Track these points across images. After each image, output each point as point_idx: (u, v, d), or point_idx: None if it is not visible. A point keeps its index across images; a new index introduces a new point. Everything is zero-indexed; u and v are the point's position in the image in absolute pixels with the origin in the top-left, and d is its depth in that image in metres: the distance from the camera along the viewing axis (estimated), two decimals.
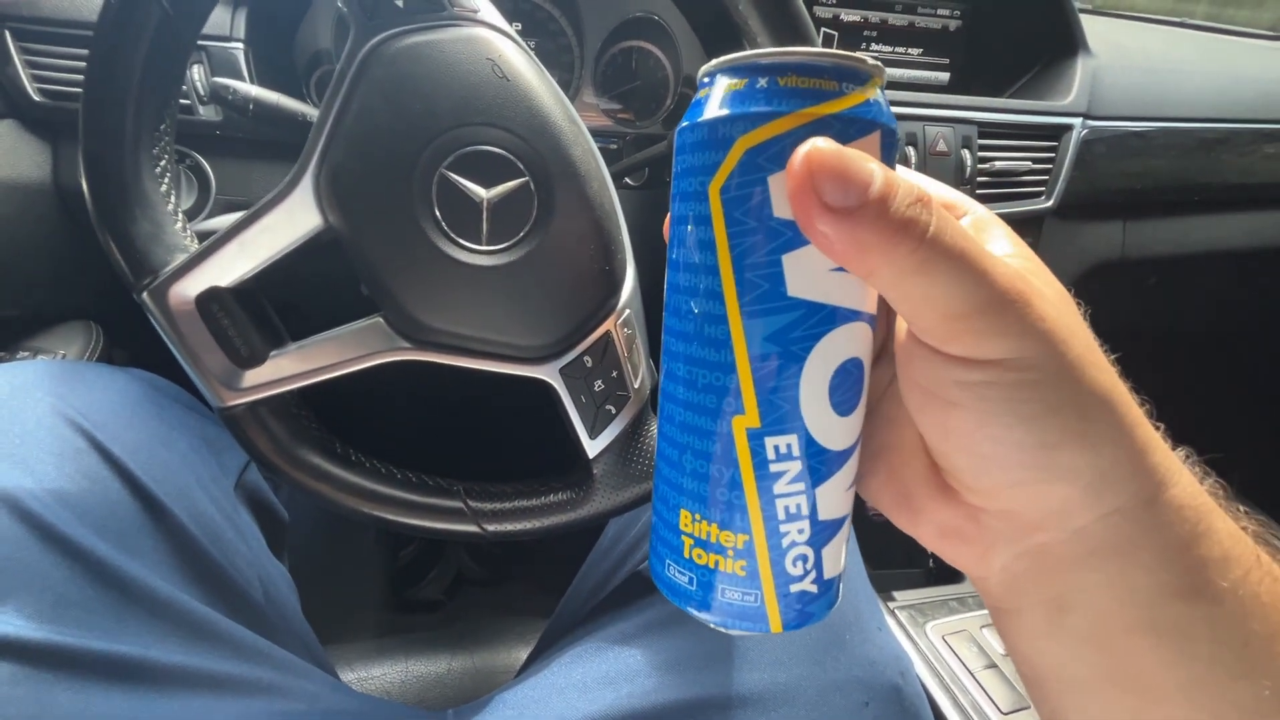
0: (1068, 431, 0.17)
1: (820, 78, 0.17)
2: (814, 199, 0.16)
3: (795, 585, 0.20)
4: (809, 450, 0.19)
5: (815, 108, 0.17)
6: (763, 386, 0.18)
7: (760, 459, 0.19)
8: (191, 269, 0.33)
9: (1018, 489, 0.19)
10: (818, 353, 0.18)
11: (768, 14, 0.38)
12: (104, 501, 0.34)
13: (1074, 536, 0.18)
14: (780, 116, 0.17)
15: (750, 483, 0.19)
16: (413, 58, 0.32)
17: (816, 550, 0.20)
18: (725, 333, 0.18)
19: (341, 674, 0.53)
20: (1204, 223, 0.81)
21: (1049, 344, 0.17)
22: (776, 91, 0.17)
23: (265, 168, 0.55)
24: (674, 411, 0.20)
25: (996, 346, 0.17)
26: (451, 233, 0.33)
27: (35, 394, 0.37)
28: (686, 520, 0.20)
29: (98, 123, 0.32)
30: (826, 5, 0.71)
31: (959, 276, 0.16)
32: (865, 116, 0.17)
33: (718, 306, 0.18)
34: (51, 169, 0.54)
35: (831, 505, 0.20)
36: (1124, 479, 0.18)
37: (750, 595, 0.20)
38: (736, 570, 0.19)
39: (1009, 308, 0.17)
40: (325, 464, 0.36)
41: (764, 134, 0.17)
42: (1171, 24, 1.01)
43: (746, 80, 0.17)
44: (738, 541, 0.19)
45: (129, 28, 0.31)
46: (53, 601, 0.30)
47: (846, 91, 0.17)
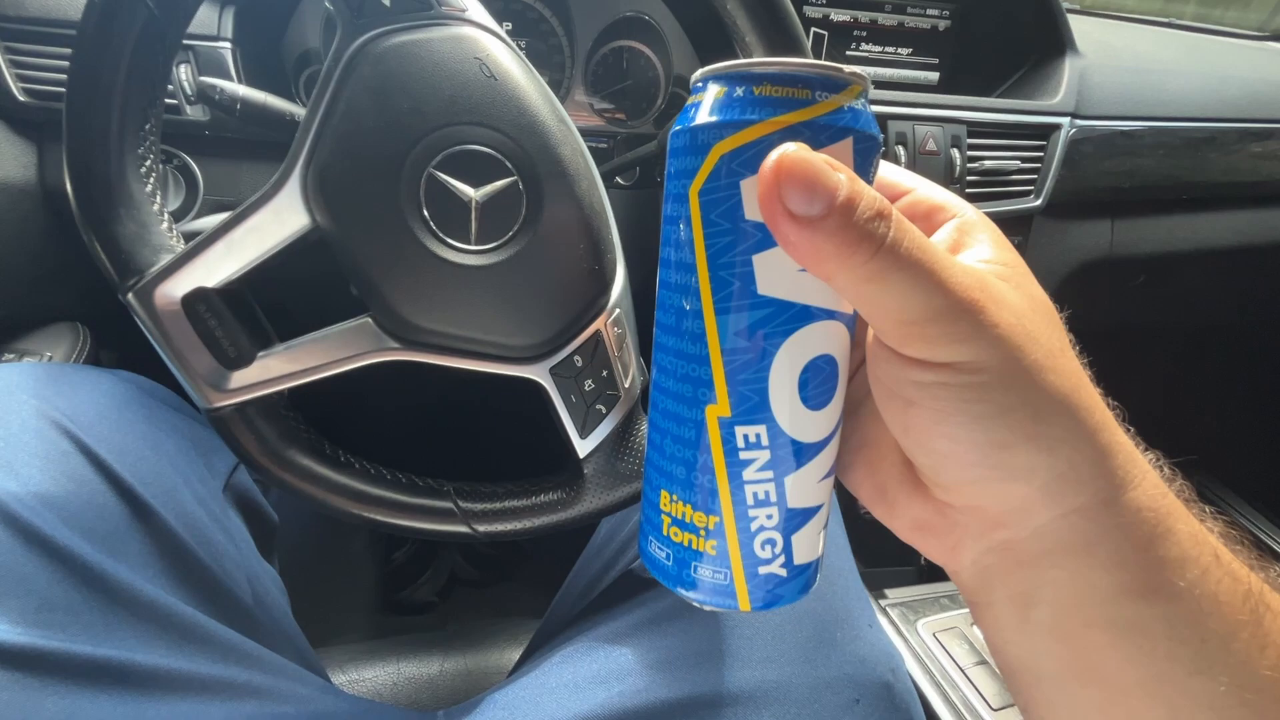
0: (1020, 433, 0.18)
1: (793, 86, 0.18)
2: (779, 206, 0.17)
3: (764, 568, 0.21)
4: (777, 440, 0.20)
5: (786, 115, 0.18)
6: (733, 378, 0.19)
7: (730, 446, 0.20)
8: (177, 269, 0.32)
9: (977, 486, 0.19)
10: (787, 348, 0.19)
11: (755, 15, 0.38)
12: (90, 504, 0.34)
13: (1035, 534, 0.19)
14: (752, 124, 0.18)
15: (721, 468, 0.20)
16: (400, 56, 0.32)
17: (786, 536, 0.21)
18: (701, 327, 0.19)
19: (332, 676, 0.52)
20: (1191, 221, 0.81)
21: (1002, 349, 0.18)
22: (751, 100, 0.18)
23: (253, 168, 0.55)
24: (658, 398, 0.22)
25: (949, 351, 0.18)
26: (440, 232, 0.33)
27: (20, 396, 0.36)
28: (666, 500, 0.22)
29: (82, 122, 0.32)
30: (816, 5, 0.72)
31: (912, 286, 0.17)
32: (837, 124, 0.18)
33: (695, 302, 0.19)
34: (37, 169, 0.53)
35: (802, 494, 0.21)
36: (1083, 480, 0.18)
37: (720, 574, 0.21)
38: (708, 549, 0.21)
39: (962, 315, 0.17)
40: (314, 465, 0.36)
41: (737, 140, 0.18)
42: (1159, 24, 1.02)
43: (726, 89, 0.19)
44: (709, 522, 0.21)
45: (114, 27, 0.31)
46: (38, 605, 0.30)
47: (819, 99, 0.18)
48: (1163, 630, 0.18)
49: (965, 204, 0.23)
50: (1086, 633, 0.19)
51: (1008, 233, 0.77)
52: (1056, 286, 0.76)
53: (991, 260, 0.20)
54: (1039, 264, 0.74)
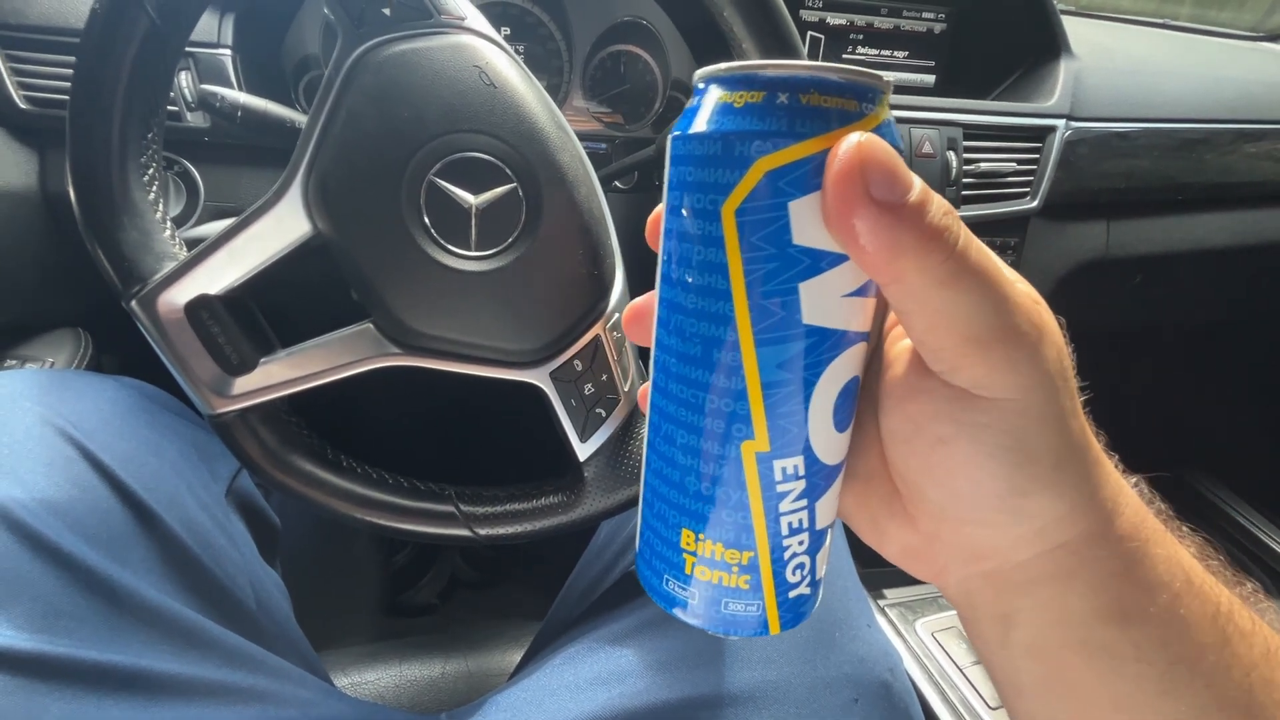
0: (1040, 480, 0.18)
1: (842, 96, 0.16)
2: (861, 190, 0.15)
3: (793, 591, 0.20)
4: (813, 468, 0.19)
5: (837, 131, 0.16)
6: (774, 412, 0.18)
7: (768, 481, 0.19)
8: (180, 277, 0.33)
9: (978, 528, 0.19)
10: (828, 376, 0.18)
11: (752, 19, 0.38)
12: (94, 510, 0.34)
13: (1019, 566, 0.19)
14: (807, 139, 0.16)
15: (757, 504, 0.19)
16: (400, 65, 0.32)
17: (813, 557, 0.20)
18: (737, 359, 0.18)
19: (335, 679, 0.53)
20: (1187, 221, 0.82)
21: (1047, 389, 0.17)
22: (799, 110, 0.16)
23: (253, 174, 0.55)
24: (674, 433, 0.20)
25: (1002, 383, 0.17)
26: (440, 239, 0.33)
27: (24, 403, 0.37)
28: (689, 539, 0.20)
29: (84, 131, 0.32)
30: (812, 9, 0.72)
31: (984, 295, 0.16)
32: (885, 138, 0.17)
33: (729, 332, 0.18)
34: (39, 176, 0.54)
35: (827, 514, 0.20)
36: (1075, 520, 0.18)
37: (752, 605, 0.20)
38: (740, 584, 0.20)
39: (1024, 340, 0.16)
40: (316, 470, 0.36)
41: (788, 156, 0.16)
42: (1154, 25, 1.03)
43: (764, 94, 0.16)
44: (743, 559, 0.19)
45: (115, 36, 0.31)
46: (44, 611, 0.30)
47: (866, 111, 0.16)
48: (1131, 653, 0.19)
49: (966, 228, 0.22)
50: (1061, 653, 0.19)
51: (1004, 234, 0.76)
52: (1053, 288, 0.77)
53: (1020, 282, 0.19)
54: (1035, 266, 0.75)
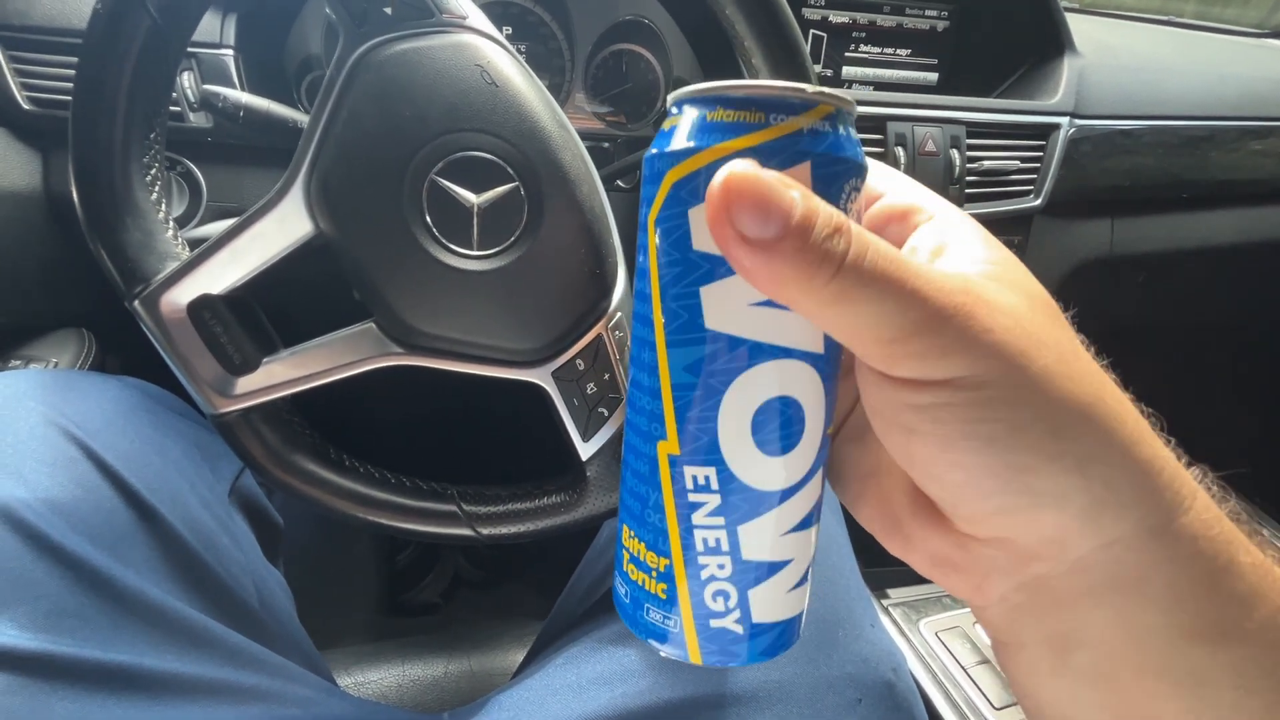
0: (1040, 452, 0.16)
1: (746, 110, 0.17)
2: (730, 230, 0.15)
3: (715, 621, 0.19)
4: (729, 486, 0.19)
5: (733, 141, 0.17)
6: (682, 414, 0.18)
7: (680, 486, 0.19)
8: (183, 277, 0.33)
9: (1002, 516, 0.17)
10: (737, 387, 0.18)
11: (754, 18, 0.38)
12: (98, 510, 0.34)
13: (1074, 568, 0.17)
14: (700, 151, 0.17)
15: (670, 508, 0.19)
16: (402, 64, 0.32)
17: (741, 590, 0.19)
18: (654, 359, 0.19)
19: (338, 678, 0.53)
20: (1191, 219, 0.81)
21: (1002, 357, 0.16)
22: (702, 126, 0.17)
23: (256, 174, 0.55)
24: (627, 429, 0.21)
25: (941, 366, 0.16)
26: (442, 238, 0.33)
27: (28, 403, 0.37)
28: (626, 534, 0.21)
29: (87, 132, 0.32)
30: (815, 7, 0.72)
31: (882, 301, 0.15)
32: (792, 148, 0.17)
33: (649, 333, 0.19)
34: (42, 177, 0.54)
35: (759, 546, 0.19)
36: (1124, 504, 0.16)
37: (670, 620, 0.20)
38: (658, 592, 0.20)
39: (947, 324, 0.16)
40: (319, 469, 0.36)
41: (685, 168, 0.17)
42: (1158, 22, 1.02)
43: (683, 115, 0.18)
44: (660, 564, 0.20)
45: (117, 37, 0.31)
46: (48, 611, 0.30)
47: (773, 123, 0.17)
48: (1229, 679, 0.16)
49: (941, 202, 0.20)
50: (1137, 681, 0.17)
51: (1007, 232, 0.76)
52: (1057, 286, 0.76)
53: (979, 260, 0.18)
54: (1039, 264, 0.74)
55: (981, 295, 0.16)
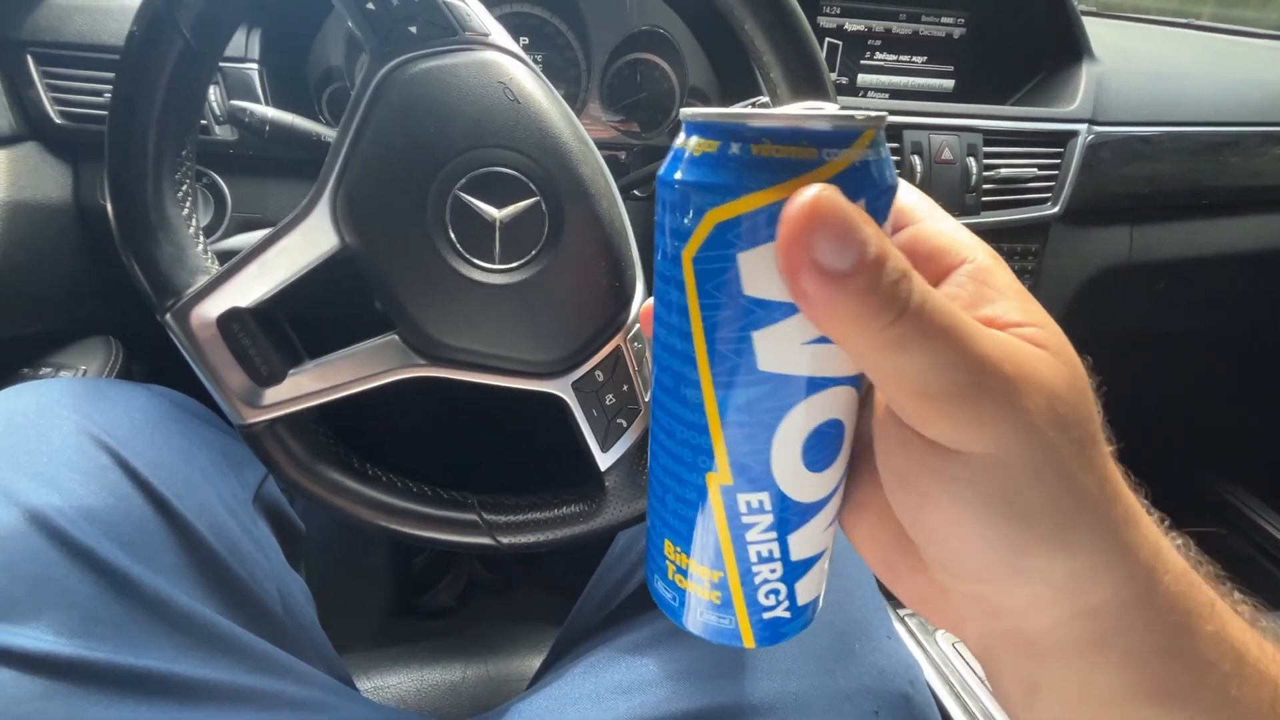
0: (1042, 539, 0.17)
1: (797, 144, 0.15)
2: (805, 256, 0.15)
3: (768, 614, 0.21)
4: (780, 504, 0.19)
5: (788, 183, 0.15)
6: (735, 450, 0.18)
7: (733, 511, 0.19)
8: (213, 290, 0.33)
9: (983, 582, 0.18)
10: (790, 420, 0.18)
11: (771, 30, 0.38)
12: (129, 517, 0.35)
13: (1042, 630, 0.18)
14: (750, 193, 0.16)
15: (724, 531, 0.19)
16: (427, 82, 0.33)
17: (789, 584, 0.20)
18: (699, 398, 0.18)
19: (357, 682, 0.53)
20: (1212, 226, 0.80)
21: (1033, 441, 0.16)
22: (748, 162, 0.16)
23: (279, 185, 0.56)
24: (658, 453, 0.20)
25: (975, 437, 0.16)
26: (465, 252, 0.34)
27: (61, 412, 0.38)
28: (670, 549, 0.21)
29: (122, 151, 0.33)
30: (830, 15, 0.72)
31: (935, 356, 0.15)
32: (847, 185, 0.16)
33: (692, 372, 0.18)
34: (72, 189, 0.55)
35: (805, 547, 0.20)
36: (1100, 582, 0.17)
37: (725, 619, 0.21)
38: (712, 599, 0.20)
39: (989, 395, 0.15)
40: (343, 479, 0.37)
41: (733, 210, 0.16)
42: (1177, 25, 1.01)
43: (719, 144, 0.16)
44: (713, 576, 0.20)
45: (151, 59, 0.32)
46: (82, 617, 0.31)
47: (827, 159, 0.16)
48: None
49: (977, 242, 0.20)
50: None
51: (1024, 240, 0.75)
52: (1074, 294, 0.76)
53: (1023, 322, 0.17)
54: (1056, 271, 0.74)
55: (1027, 368, 0.16)
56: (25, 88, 0.53)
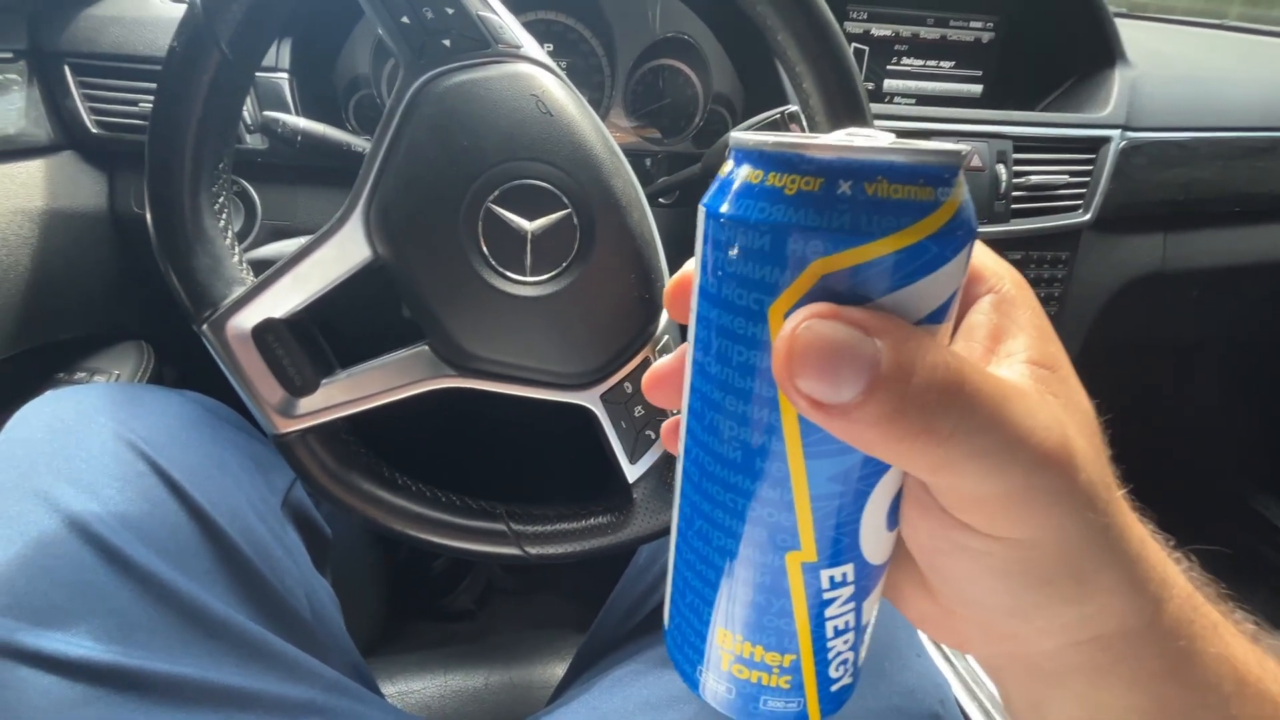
0: (1057, 598, 0.17)
1: (914, 184, 0.14)
2: (796, 394, 0.14)
3: (835, 685, 0.19)
4: (861, 572, 0.18)
5: (912, 228, 0.14)
6: (823, 525, 0.16)
7: (814, 590, 0.17)
8: (248, 302, 0.34)
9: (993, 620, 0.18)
10: (883, 485, 0.17)
11: (802, 38, 0.38)
12: (164, 524, 0.36)
13: (1046, 655, 0.18)
14: (871, 241, 0.14)
15: (802, 612, 0.18)
16: (460, 95, 0.33)
17: (857, 651, 0.19)
18: (784, 470, 0.16)
19: (382, 687, 0.54)
20: (1248, 234, 0.79)
21: (1068, 524, 0.16)
22: (863, 204, 0.14)
23: (309, 193, 0.57)
24: (709, 532, 0.18)
25: (1010, 528, 0.16)
26: (497, 265, 0.34)
27: (99, 419, 0.38)
28: (725, 638, 0.19)
29: (162, 163, 0.33)
30: (857, 20, 0.71)
31: (989, 470, 0.14)
32: (960, 229, 0.14)
33: (775, 443, 0.16)
34: (108, 197, 0.56)
35: (871, 607, 0.19)
36: (1107, 616, 0.17)
37: (793, 702, 0.19)
38: (780, 684, 0.19)
39: (1039, 495, 0.15)
40: (374, 488, 0.37)
41: (848, 260, 0.14)
42: (1208, 25, 0.99)
43: (824, 180, 0.14)
44: (784, 661, 0.18)
45: (191, 73, 0.33)
46: (119, 623, 0.31)
47: (942, 200, 0.14)
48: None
49: (1003, 267, 0.19)
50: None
51: (1055, 248, 0.74)
52: (1106, 302, 0.74)
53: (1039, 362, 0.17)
54: (1088, 279, 0.73)
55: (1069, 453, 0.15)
56: (63, 98, 0.54)
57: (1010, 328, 0.18)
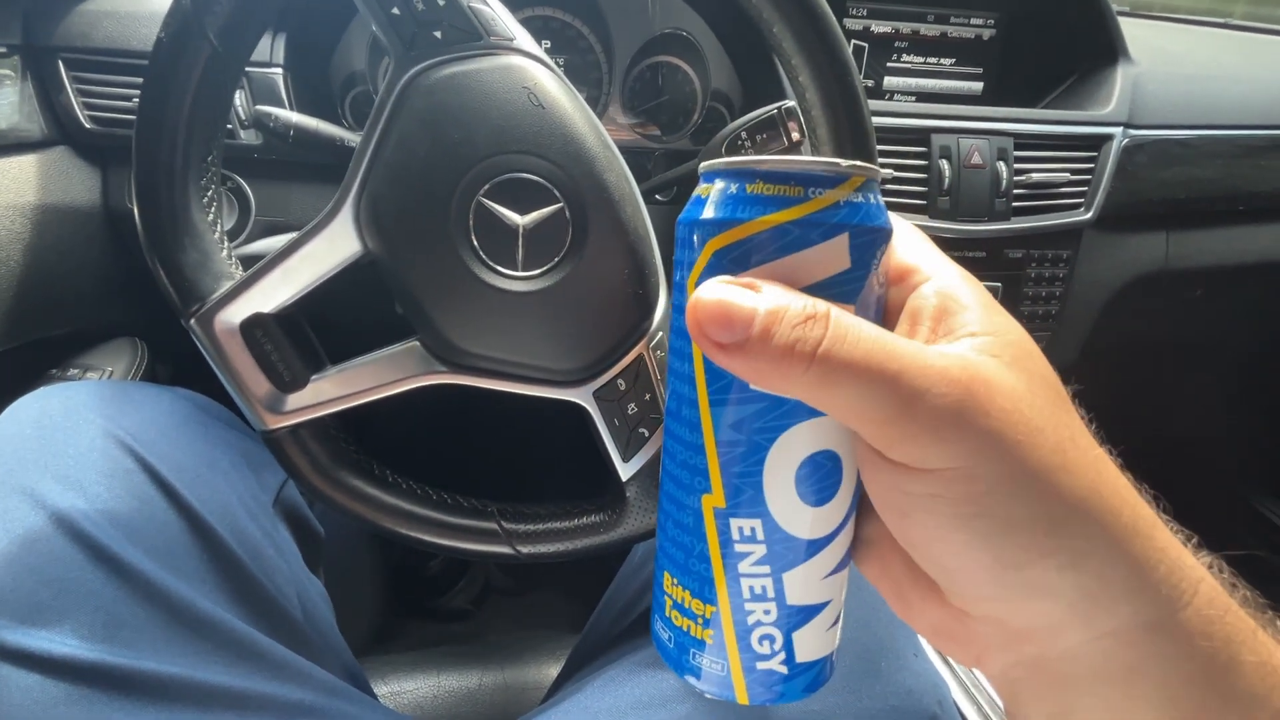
0: (1033, 549, 0.16)
1: (785, 184, 0.18)
2: (708, 342, 0.17)
3: (762, 663, 0.20)
4: (774, 536, 0.19)
5: (775, 214, 0.18)
6: (728, 470, 0.19)
7: (726, 538, 0.20)
8: (237, 296, 0.33)
9: (996, 602, 0.18)
10: (781, 444, 0.19)
11: (800, 34, 0.38)
12: (152, 522, 0.35)
13: (1067, 655, 0.17)
14: (741, 223, 0.18)
15: (717, 558, 0.20)
16: (451, 88, 0.32)
17: (785, 633, 0.20)
18: (696, 416, 0.19)
19: (375, 687, 0.53)
20: (1252, 232, 0.78)
21: (999, 448, 0.16)
22: (743, 199, 0.18)
23: (303, 189, 0.56)
24: (665, 480, 0.21)
25: (934, 454, 0.16)
26: (488, 259, 0.33)
27: (88, 415, 0.38)
28: (668, 581, 0.21)
29: (149, 157, 0.33)
30: (857, 17, 0.71)
31: (864, 385, 0.16)
32: (830, 220, 0.18)
33: (691, 391, 0.19)
34: (101, 193, 0.56)
35: (803, 591, 0.20)
36: (1117, 599, 0.16)
37: (717, 664, 0.20)
38: (705, 637, 0.20)
39: (939, 409, 0.16)
40: (364, 485, 0.37)
41: (727, 238, 0.18)
42: (1213, 24, 0.98)
43: (724, 184, 0.19)
44: (706, 611, 0.20)
45: (179, 65, 0.32)
46: (105, 622, 0.31)
47: (811, 196, 0.18)
48: None
49: (942, 262, 0.20)
50: None
51: (1057, 246, 0.73)
52: (1108, 300, 0.74)
53: (980, 332, 0.17)
54: (1089, 278, 0.72)
55: (978, 375, 0.16)
56: (56, 93, 0.54)
57: (953, 307, 0.18)
